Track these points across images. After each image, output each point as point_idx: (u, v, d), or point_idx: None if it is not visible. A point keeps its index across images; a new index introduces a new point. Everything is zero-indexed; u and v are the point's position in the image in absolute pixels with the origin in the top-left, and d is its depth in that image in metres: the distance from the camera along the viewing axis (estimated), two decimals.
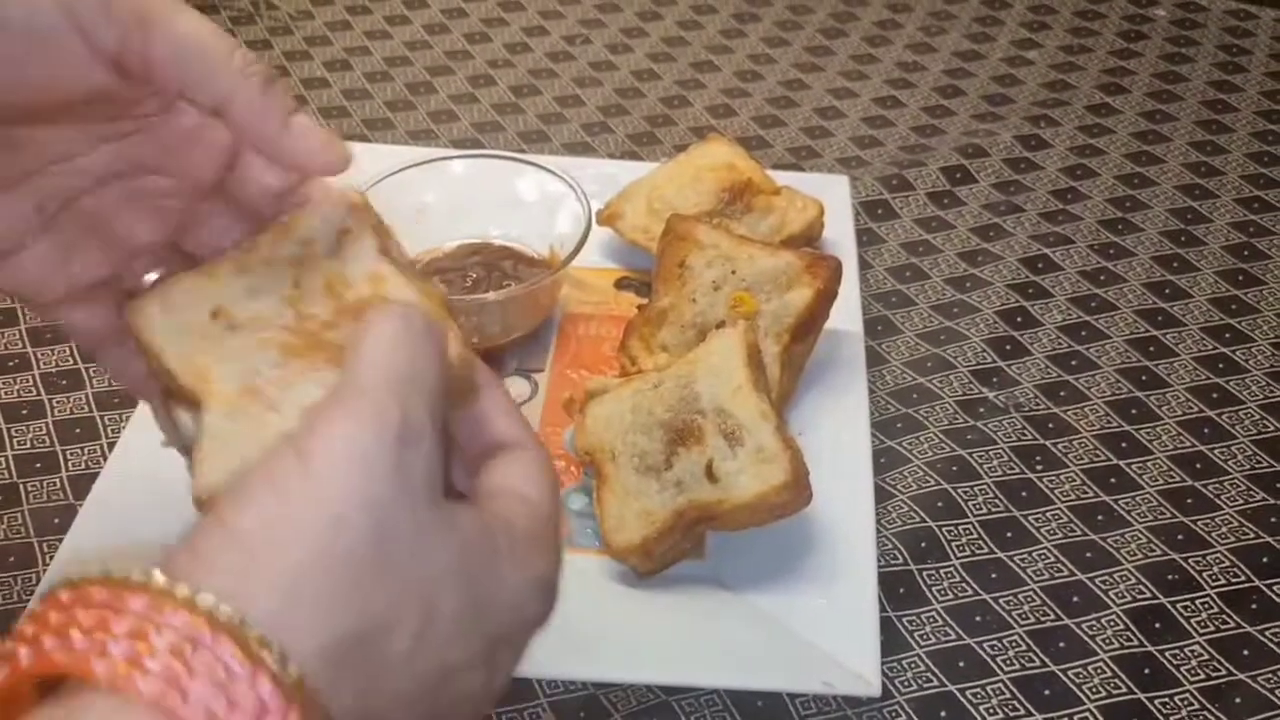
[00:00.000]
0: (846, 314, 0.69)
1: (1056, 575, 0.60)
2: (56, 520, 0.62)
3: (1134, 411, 0.69)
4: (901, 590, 0.59)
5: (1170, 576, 0.60)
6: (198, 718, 0.29)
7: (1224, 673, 0.56)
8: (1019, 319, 0.75)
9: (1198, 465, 0.66)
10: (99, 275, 0.44)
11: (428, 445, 0.35)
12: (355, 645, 0.32)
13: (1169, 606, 0.59)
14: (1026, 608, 0.59)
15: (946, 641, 0.57)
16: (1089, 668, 0.56)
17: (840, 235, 0.76)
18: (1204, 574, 0.60)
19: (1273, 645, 0.57)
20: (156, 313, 0.42)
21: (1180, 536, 0.62)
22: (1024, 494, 0.64)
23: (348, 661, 0.32)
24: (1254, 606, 0.59)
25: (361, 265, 0.43)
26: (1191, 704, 0.55)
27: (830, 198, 0.76)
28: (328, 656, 0.32)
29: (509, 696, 0.54)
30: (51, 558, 0.59)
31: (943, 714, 0.54)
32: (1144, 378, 0.71)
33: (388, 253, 0.43)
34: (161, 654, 0.30)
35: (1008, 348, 0.73)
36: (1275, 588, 0.60)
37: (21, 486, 0.63)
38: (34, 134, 0.42)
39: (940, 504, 0.63)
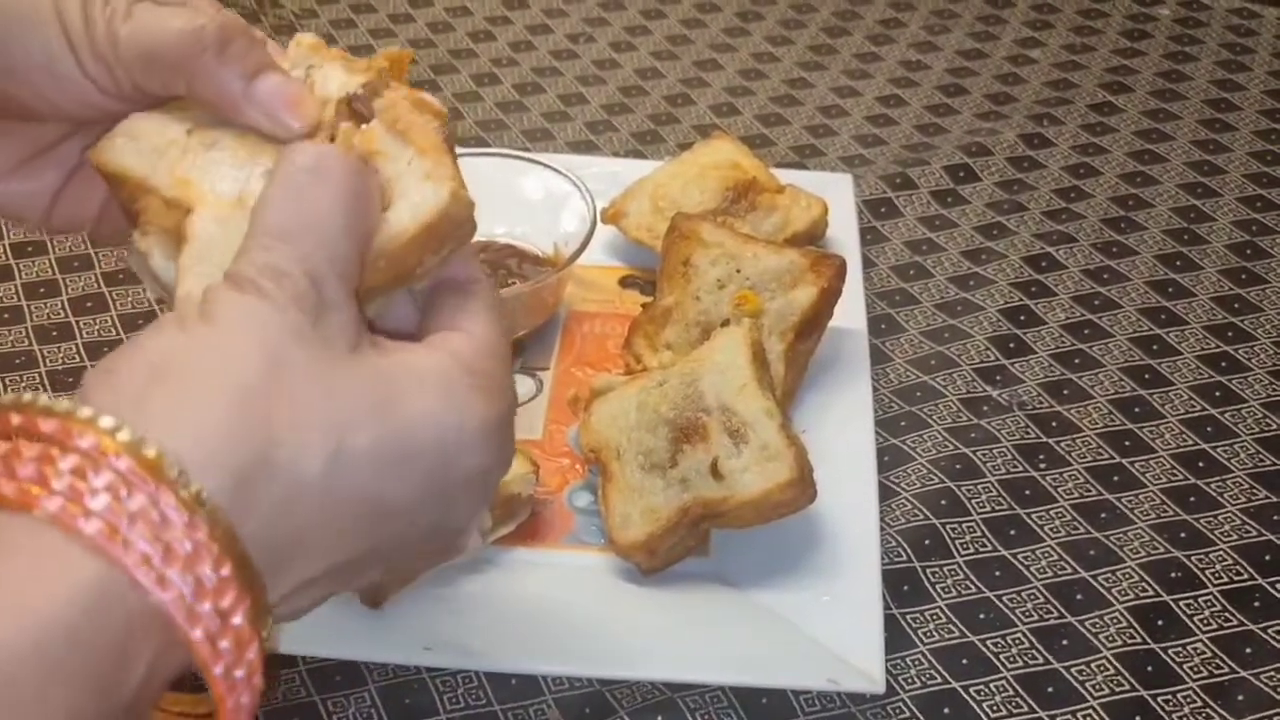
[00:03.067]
0: (850, 312, 0.69)
1: (1060, 573, 0.60)
2: None
3: (1137, 410, 0.69)
4: (905, 588, 0.59)
5: (1173, 574, 0.60)
6: (97, 531, 0.31)
7: (1227, 670, 0.56)
8: (1022, 317, 0.75)
9: (1200, 463, 0.66)
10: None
11: (315, 300, 0.35)
12: (258, 466, 0.33)
13: (1172, 604, 0.59)
14: (1030, 605, 0.59)
15: (950, 639, 0.57)
16: (1092, 665, 0.56)
17: (844, 233, 0.76)
18: (1207, 572, 0.61)
19: (1275, 643, 0.58)
20: (123, 143, 0.41)
21: (1183, 534, 0.62)
22: (1027, 492, 0.64)
23: (252, 482, 0.33)
24: (1257, 604, 0.59)
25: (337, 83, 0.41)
26: (1194, 701, 0.55)
27: (834, 196, 0.76)
28: (229, 477, 0.32)
29: (514, 693, 0.55)
30: None
31: (946, 711, 0.55)
32: (1147, 376, 0.71)
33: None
34: (66, 476, 0.31)
35: (1011, 346, 0.73)
36: (1278, 585, 0.60)
37: None
38: (40, 126, 0.44)
39: (944, 502, 0.63)
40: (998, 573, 0.60)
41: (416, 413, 0.36)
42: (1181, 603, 0.59)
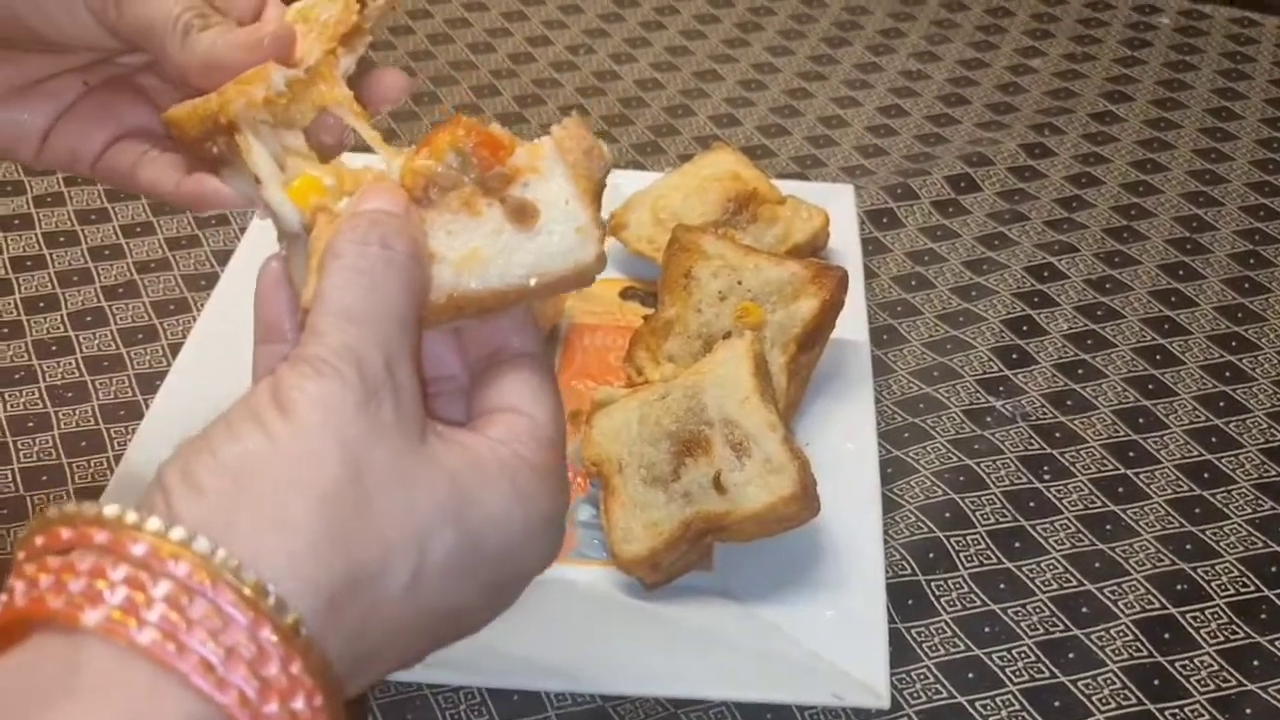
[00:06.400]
0: (852, 323, 0.69)
1: (1065, 585, 0.60)
2: None
3: (1141, 420, 0.69)
4: (910, 601, 0.59)
5: (1179, 586, 0.60)
6: (193, 668, 0.29)
7: (1234, 683, 0.56)
8: (1025, 328, 0.75)
9: (1206, 474, 0.66)
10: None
11: (391, 386, 0.35)
12: (346, 587, 0.32)
13: (1178, 617, 0.59)
14: (1035, 618, 0.59)
15: (955, 653, 0.57)
16: (1099, 679, 0.56)
17: (846, 244, 0.76)
18: (1213, 584, 0.60)
19: None
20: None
21: (1189, 546, 0.62)
22: (1032, 504, 0.64)
23: (340, 604, 0.32)
24: (1263, 616, 0.59)
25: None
26: (1201, 715, 0.55)
27: (835, 207, 0.76)
28: (320, 600, 0.32)
29: (517, 709, 0.54)
30: None
31: None
32: (1151, 386, 0.71)
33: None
34: (159, 604, 0.30)
35: (1014, 356, 0.73)
36: None
37: (28, 499, 0.63)
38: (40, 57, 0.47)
39: (948, 514, 0.63)
40: (1002, 585, 0.60)
41: (486, 517, 0.36)
42: (1188, 615, 0.59)
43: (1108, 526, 0.63)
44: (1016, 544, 0.62)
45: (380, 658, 0.34)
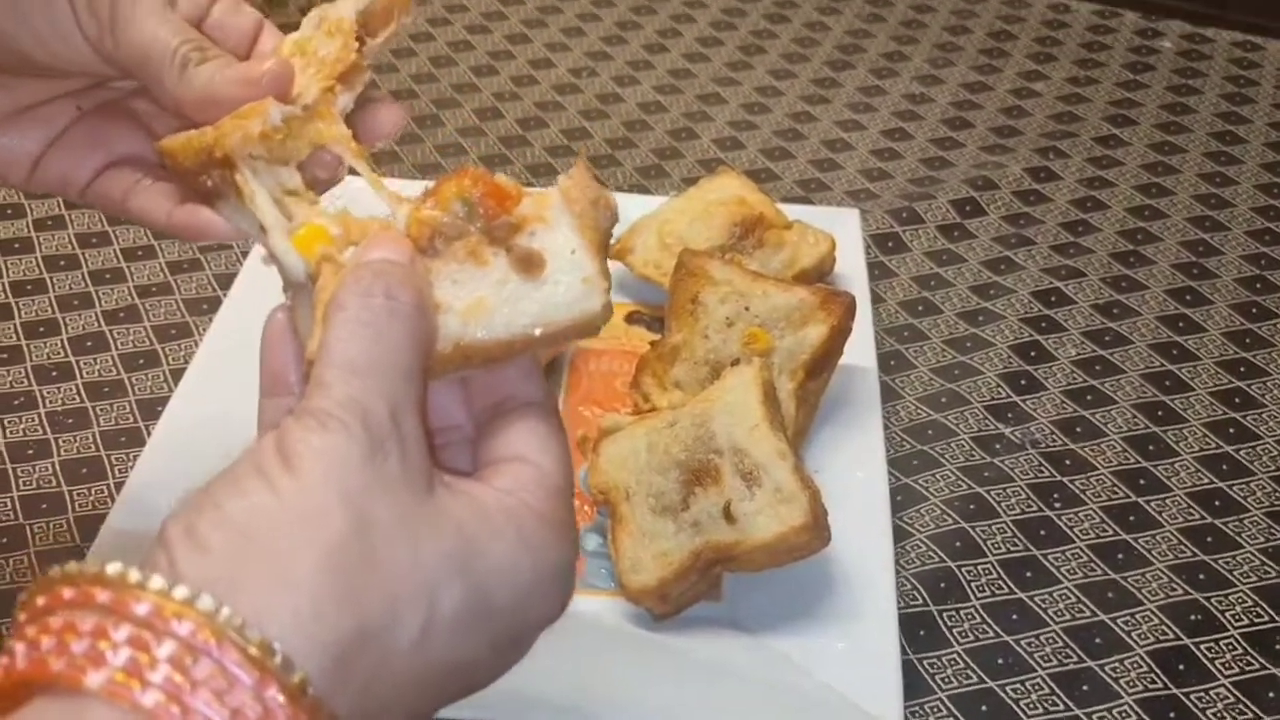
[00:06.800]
0: (860, 349, 0.69)
1: (1078, 616, 0.59)
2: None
3: (1151, 448, 0.68)
4: (922, 632, 0.58)
5: (1193, 617, 0.59)
6: None
7: (1250, 716, 0.55)
8: (1033, 353, 0.74)
9: (1217, 502, 0.65)
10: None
11: (396, 437, 0.34)
12: (353, 642, 0.32)
13: (1193, 648, 0.58)
14: (1048, 649, 0.58)
15: (969, 684, 0.56)
16: (1114, 711, 0.55)
17: (852, 269, 0.75)
18: (1227, 614, 0.60)
19: None
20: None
21: (1202, 575, 0.61)
22: (1043, 532, 0.63)
23: (347, 660, 0.32)
24: (1279, 647, 0.58)
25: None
26: None
27: (841, 231, 0.76)
28: (327, 656, 0.31)
29: None
30: None
31: None
32: (1160, 413, 0.70)
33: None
34: (162, 665, 0.29)
35: (1022, 383, 0.72)
36: None
37: (28, 528, 0.63)
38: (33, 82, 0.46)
39: (959, 543, 0.62)
40: (1015, 616, 0.59)
41: (493, 567, 0.35)
42: (1202, 646, 0.58)
43: (1120, 555, 0.62)
44: (1028, 573, 0.61)
45: (388, 713, 0.33)
